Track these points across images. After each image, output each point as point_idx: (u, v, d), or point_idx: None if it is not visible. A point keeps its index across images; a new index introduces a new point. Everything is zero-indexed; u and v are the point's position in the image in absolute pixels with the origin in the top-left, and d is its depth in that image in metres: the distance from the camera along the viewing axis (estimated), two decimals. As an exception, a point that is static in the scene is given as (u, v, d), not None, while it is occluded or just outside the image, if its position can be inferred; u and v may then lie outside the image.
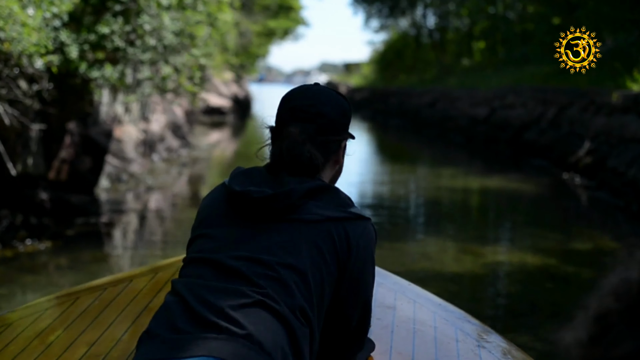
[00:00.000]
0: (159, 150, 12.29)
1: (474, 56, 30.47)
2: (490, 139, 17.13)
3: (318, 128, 1.67)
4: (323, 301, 1.57)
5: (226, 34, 16.09)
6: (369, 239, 1.63)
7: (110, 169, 9.68)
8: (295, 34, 44.84)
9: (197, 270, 1.56)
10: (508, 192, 10.65)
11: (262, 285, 1.50)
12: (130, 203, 8.85)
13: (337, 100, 1.76)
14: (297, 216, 1.57)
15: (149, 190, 9.75)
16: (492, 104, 18.61)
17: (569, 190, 10.78)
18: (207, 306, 1.47)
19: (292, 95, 1.71)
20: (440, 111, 22.83)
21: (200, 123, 22.59)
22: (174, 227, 8.13)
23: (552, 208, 9.56)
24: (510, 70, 21.74)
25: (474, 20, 29.48)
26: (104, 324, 2.08)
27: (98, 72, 6.05)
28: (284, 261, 1.53)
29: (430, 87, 27.29)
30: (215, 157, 14.75)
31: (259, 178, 1.63)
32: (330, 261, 1.56)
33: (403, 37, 38.75)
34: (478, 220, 8.63)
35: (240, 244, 1.56)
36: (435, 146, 19.24)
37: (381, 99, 32.70)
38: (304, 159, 1.62)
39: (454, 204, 9.73)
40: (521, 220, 8.70)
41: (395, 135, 23.67)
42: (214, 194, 1.70)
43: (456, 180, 11.92)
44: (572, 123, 13.36)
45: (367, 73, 46.11)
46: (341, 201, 1.61)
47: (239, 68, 37.09)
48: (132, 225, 7.82)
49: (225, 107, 26.72)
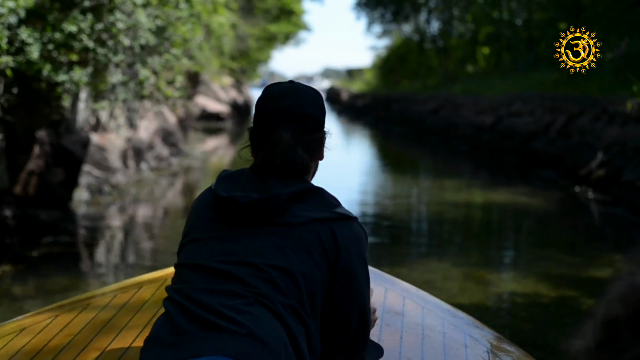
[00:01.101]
0: (147, 159, 11.64)
1: (478, 62, 29.88)
2: (496, 148, 16.46)
3: (303, 128, 1.66)
4: (315, 302, 1.57)
5: (222, 37, 15.46)
6: (357, 238, 1.63)
7: (90, 180, 9.05)
8: (297, 38, 44.34)
9: (188, 275, 1.58)
10: (515, 208, 9.95)
11: (254, 285, 1.52)
12: (111, 218, 8.20)
13: (316, 97, 1.73)
14: (284, 219, 1.58)
15: (134, 203, 9.10)
16: (497, 112, 17.94)
17: (581, 205, 10.10)
18: (205, 308, 1.49)
19: (273, 96, 1.70)
20: (443, 118, 22.17)
21: (197, 129, 21.94)
22: (159, 244, 7.47)
23: (565, 226, 8.85)
24: (516, 77, 21.09)
25: (478, 26, 28.91)
26: (114, 330, 2.08)
27: (65, 75, 5.41)
28: (274, 263, 1.54)
29: (433, 94, 26.66)
30: (210, 165, 14.08)
31: (244, 181, 1.64)
32: (320, 262, 1.57)
33: (406, 43, 38.19)
34: (483, 241, 7.93)
35: (229, 248, 1.58)
36: (439, 155, 18.58)
37: (383, 106, 32.10)
38: (297, 163, 1.63)
39: (458, 221, 9.03)
40: (531, 240, 8.00)
41: (398, 143, 23.02)
42: (202, 199, 1.70)
43: (460, 193, 11.23)
44: (583, 133, 12.69)
45: (370, 79, 45.52)
46: (326, 202, 1.62)
47: (240, 73, 36.52)
48: (110, 243, 7.17)
49: (224, 112, 26.10)
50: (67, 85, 5.42)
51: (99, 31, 5.37)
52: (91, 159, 9.44)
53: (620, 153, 10.64)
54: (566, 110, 14.09)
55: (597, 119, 12.38)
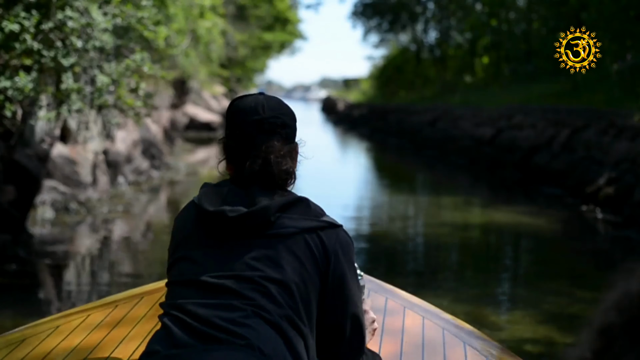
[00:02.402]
0: (125, 172, 10.90)
1: (476, 73, 29.26)
2: (496, 162, 15.74)
3: (284, 138, 1.68)
4: (311, 311, 1.59)
5: (210, 44, 14.75)
6: (346, 245, 1.65)
7: (56, 196, 8.31)
8: (293, 47, 43.74)
9: (183, 292, 1.58)
10: (518, 229, 9.17)
11: (251, 298, 1.54)
12: (73, 240, 7.44)
13: (288, 108, 1.74)
14: (273, 231, 1.59)
15: (104, 222, 8.35)
16: (497, 124, 17.24)
17: (590, 227, 9.37)
18: (203, 321, 1.51)
19: (250, 107, 1.68)
20: (441, 130, 21.47)
21: (186, 140, 21.21)
22: (129, 269, 6.74)
23: (572, 252, 8.05)
24: (516, 88, 20.44)
25: (476, 36, 28.32)
26: (116, 340, 2.08)
27: (8, 81, 4.68)
28: (268, 275, 1.56)
29: (431, 105, 26.00)
30: (195, 178, 13.31)
31: (228, 194, 1.64)
32: (312, 271, 1.59)
33: (403, 53, 37.61)
34: (482, 271, 7.10)
35: (221, 263, 1.58)
36: (436, 169, 17.85)
37: (380, 116, 31.45)
38: (289, 172, 1.65)
39: (454, 246, 8.24)
40: (535, 270, 7.14)
41: (394, 156, 22.30)
42: (186, 214, 1.69)
43: (458, 212, 10.44)
44: (589, 147, 11.99)
45: (366, 89, 44.89)
46: (313, 212, 1.64)
47: (234, 81, 35.84)
48: (68, 270, 6.42)
49: (215, 122, 25.37)
50: (9, 93, 4.69)
51: (46, 31, 4.65)
52: (58, 173, 8.70)
53: (630, 169, 9.94)
54: (570, 123, 13.40)
55: (603, 133, 11.68)
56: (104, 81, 4.91)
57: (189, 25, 13.34)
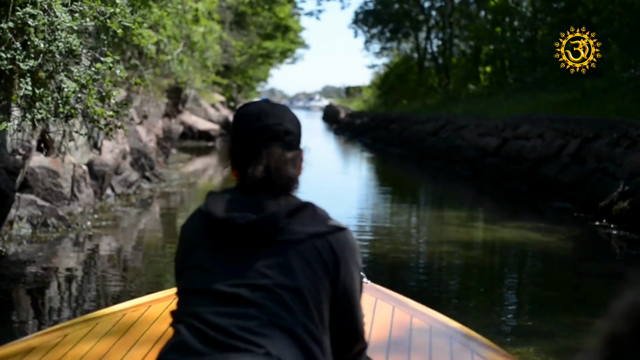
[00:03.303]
0: (113, 184, 10.37)
1: (480, 81, 28.74)
2: (502, 173, 15.18)
3: (288, 145, 1.69)
4: (323, 316, 1.60)
5: (206, 50, 14.24)
6: (352, 247, 1.68)
7: (33, 211, 7.77)
8: (294, 56, 43.31)
9: (196, 300, 1.58)
10: (526, 247, 8.56)
11: (266, 306, 1.54)
12: (51, 257, 6.90)
13: (293, 115, 1.77)
14: (282, 237, 1.60)
15: (87, 238, 7.82)
16: (503, 134, 16.67)
17: (604, 244, 8.79)
18: (219, 330, 1.51)
19: (254, 114, 1.71)
20: (444, 140, 20.91)
21: (182, 149, 20.68)
22: (111, 287, 6.20)
23: (586, 273, 7.38)
24: (521, 97, 19.87)
25: (480, 43, 27.83)
26: (123, 349, 2.08)
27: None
28: (281, 282, 1.56)
29: (433, 114, 25.46)
30: (189, 190, 12.77)
31: (236, 202, 1.65)
32: (322, 275, 1.61)
33: (405, 61, 37.12)
34: (486, 295, 6.48)
35: (233, 271, 1.59)
36: (439, 180, 17.29)
37: (382, 125, 30.92)
38: (290, 178, 1.66)
39: (458, 267, 7.60)
40: (545, 296, 6.34)
41: (396, 167, 21.76)
42: (193, 222, 1.70)
43: (462, 228, 9.80)
44: (600, 159, 11.43)
45: (368, 97, 44.37)
46: (319, 216, 1.66)
47: (235, 90, 35.37)
48: (44, 290, 5.88)
49: (214, 131, 24.84)
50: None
51: (5, 30, 4.12)
52: (39, 186, 8.18)
53: (646, 183, 9.40)
54: (579, 133, 12.84)
55: (616, 144, 11.12)
56: (71, 87, 4.38)
57: (183, 31, 12.84)
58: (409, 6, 35.89)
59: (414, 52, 36.61)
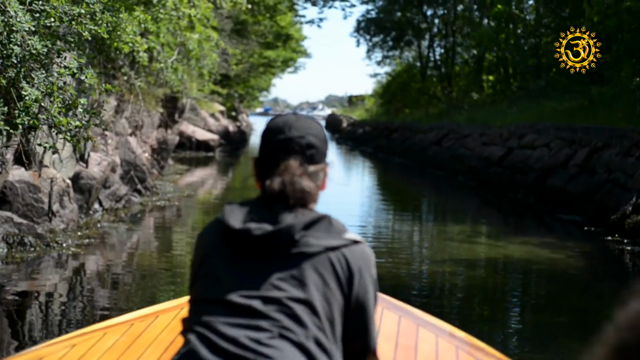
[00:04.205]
0: (101, 198, 9.92)
1: (484, 89, 28.30)
2: (507, 183, 14.70)
3: (309, 158, 1.69)
4: (335, 329, 1.59)
5: (202, 58, 13.80)
6: (368, 261, 1.67)
7: (10, 229, 7.31)
8: (296, 65, 42.92)
9: (208, 310, 1.58)
10: (534, 266, 8.00)
11: (277, 319, 1.53)
12: (18, 282, 6.42)
13: (318, 129, 1.76)
14: (298, 249, 1.59)
15: (68, 258, 7.35)
16: (507, 143, 16.21)
17: (617, 261, 8.29)
18: (231, 341, 1.51)
19: (278, 127, 1.73)
20: (447, 149, 20.45)
21: (180, 160, 20.23)
22: (90, 309, 5.74)
23: (600, 295, 6.77)
24: (526, 105, 19.40)
25: (483, 51, 27.39)
26: (132, 359, 2.07)
27: None
28: (293, 295, 1.56)
29: (436, 123, 25.01)
30: (183, 203, 12.30)
31: (254, 213, 1.64)
32: (336, 289, 1.60)
33: (408, 69, 36.71)
34: (491, 321, 6.01)
35: (247, 282, 1.58)
36: (442, 191, 16.80)
37: (384, 135, 30.48)
38: (305, 191, 1.64)
39: (460, 290, 6.94)
40: (556, 323, 5.76)
41: (398, 177, 21.27)
42: (210, 231, 1.70)
43: (465, 244, 9.24)
44: (610, 169, 10.96)
45: (370, 106, 43.95)
46: (336, 229, 1.64)
47: (237, 99, 34.95)
48: (16, 313, 5.41)
49: (213, 141, 24.40)
50: None
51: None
52: (18, 201, 7.73)
53: (660, 195, 8.93)
54: (588, 142, 12.37)
55: (627, 153, 10.65)
56: (33, 95, 3.93)
57: (178, 38, 12.41)
58: (411, 14, 35.52)
59: (417, 61, 36.21)
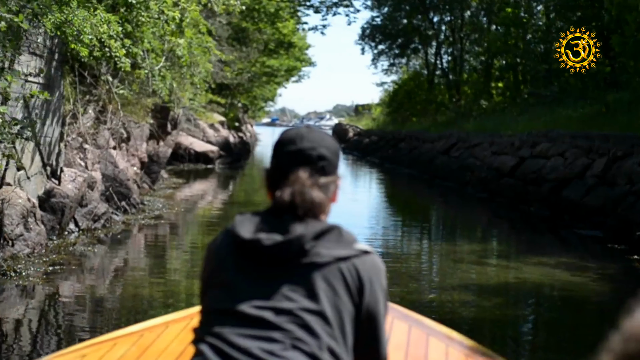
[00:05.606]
0: (77, 218, 9.11)
1: (493, 97, 27.44)
2: (519, 195, 13.83)
3: (320, 170, 1.70)
4: (347, 339, 1.59)
5: (194, 66, 13.01)
6: (378, 271, 1.67)
7: (-40, 256, 6.52)
8: (299, 74, 42.20)
9: (220, 320, 1.58)
10: (551, 292, 7.08)
11: (289, 330, 1.54)
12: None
13: (331, 141, 1.77)
14: (308, 260, 1.60)
15: (28, 288, 6.54)
16: (519, 152, 15.34)
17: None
18: (242, 351, 1.51)
19: (290, 139, 1.74)
20: (456, 159, 19.59)
21: (177, 173, 19.44)
22: (47, 344, 4.93)
23: None
24: (538, 112, 18.54)
25: (492, 57, 26.56)
26: None
27: None
28: (304, 306, 1.56)
29: (444, 132, 24.16)
30: (173, 220, 11.45)
31: (264, 223, 1.64)
32: (346, 299, 1.60)
33: (415, 77, 35.91)
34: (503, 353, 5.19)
35: (258, 293, 1.58)
36: (451, 203, 15.91)
37: (390, 144, 29.66)
38: (315, 202, 1.64)
39: (467, 322, 6.13)
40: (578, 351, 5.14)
41: (405, 189, 20.39)
42: (221, 242, 1.71)
43: (475, 266, 8.26)
44: (633, 180, 10.08)
45: (377, 115, 43.15)
46: (346, 240, 1.65)
47: (241, 109, 34.20)
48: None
49: (213, 152, 23.60)
50: None
51: None
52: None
53: (690, 210, 8.05)
54: (606, 150, 11.50)
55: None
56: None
57: (165, 44, 11.62)
58: (417, 21, 34.76)
59: (424, 68, 35.43)
